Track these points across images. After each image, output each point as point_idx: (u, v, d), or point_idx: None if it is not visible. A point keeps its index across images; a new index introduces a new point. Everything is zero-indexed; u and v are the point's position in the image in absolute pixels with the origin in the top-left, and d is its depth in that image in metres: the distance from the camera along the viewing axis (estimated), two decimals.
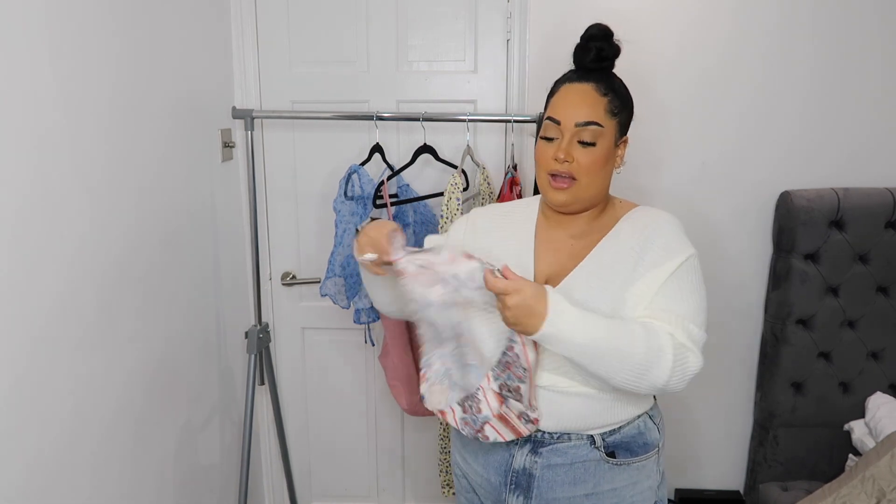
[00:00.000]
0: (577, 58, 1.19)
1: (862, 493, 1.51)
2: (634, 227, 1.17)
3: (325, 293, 1.85)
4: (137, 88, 1.43)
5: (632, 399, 1.16)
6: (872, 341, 1.90)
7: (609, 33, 1.17)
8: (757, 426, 2.04)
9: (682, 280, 1.11)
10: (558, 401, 1.14)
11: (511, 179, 1.83)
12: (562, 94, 1.16)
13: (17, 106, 1.07)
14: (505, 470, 1.21)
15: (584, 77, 1.15)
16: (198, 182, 1.75)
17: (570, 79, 1.17)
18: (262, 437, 2.27)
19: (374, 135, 1.85)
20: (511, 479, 1.20)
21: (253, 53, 1.98)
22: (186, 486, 1.71)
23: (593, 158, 1.12)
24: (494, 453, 1.21)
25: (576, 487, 1.17)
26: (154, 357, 1.53)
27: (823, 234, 1.83)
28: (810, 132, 1.89)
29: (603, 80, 1.15)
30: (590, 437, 1.16)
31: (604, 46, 1.16)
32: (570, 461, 1.16)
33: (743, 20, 1.83)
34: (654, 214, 1.19)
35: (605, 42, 1.16)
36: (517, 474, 1.19)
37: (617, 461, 1.17)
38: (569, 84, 1.16)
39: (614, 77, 1.18)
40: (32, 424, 1.13)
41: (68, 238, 1.21)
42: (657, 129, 1.90)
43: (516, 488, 1.20)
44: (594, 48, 1.15)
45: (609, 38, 1.17)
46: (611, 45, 1.17)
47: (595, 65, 1.16)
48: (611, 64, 1.19)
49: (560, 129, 1.14)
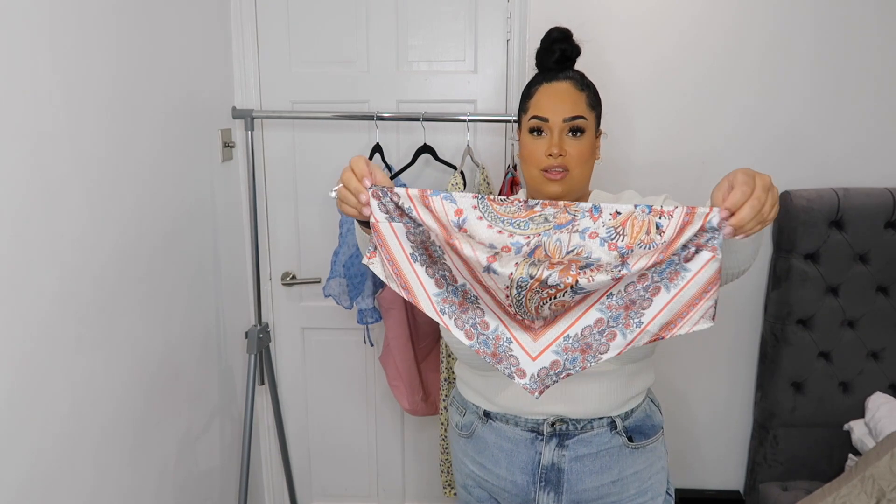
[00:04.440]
0: (540, 60, 1.25)
1: (862, 492, 1.51)
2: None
3: (328, 293, 1.85)
4: (137, 88, 1.43)
5: (642, 373, 1.23)
6: (872, 341, 1.90)
7: (569, 35, 1.23)
8: (757, 426, 2.04)
9: None
10: (580, 384, 1.17)
11: (511, 179, 1.84)
12: (544, 94, 1.21)
13: (17, 105, 1.07)
14: (532, 469, 1.22)
15: (559, 76, 1.21)
16: (198, 182, 1.75)
17: (547, 79, 1.22)
18: (262, 437, 2.27)
19: (374, 135, 1.85)
20: (540, 476, 1.22)
21: (253, 53, 1.98)
22: (186, 485, 1.71)
23: (582, 149, 1.18)
24: (519, 454, 1.23)
25: (603, 476, 1.21)
26: (154, 357, 1.53)
27: (823, 234, 1.83)
28: (810, 132, 1.89)
29: (576, 77, 1.22)
30: (611, 421, 1.21)
31: (566, 48, 1.22)
32: (595, 450, 1.20)
33: (743, 20, 1.83)
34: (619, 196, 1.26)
35: (567, 43, 1.23)
36: (546, 471, 1.21)
37: (635, 445, 1.23)
38: (547, 84, 1.21)
39: (584, 75, 1.24)
40: (32, 424, 1.13)
41: (68, 238, 1.21)
42: (657, 129, 1.90)
43: (546, 485, 1.22)
44: (558, 50, 1.22)
45: (570, 40, 1.23)
46: (573, 45, 1.23)
47: (558, 65, 1.23)
48: (572, 63, 1.24)
49: (549, 126, 1.18)
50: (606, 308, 0.93)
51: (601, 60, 1.84)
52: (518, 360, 0.98)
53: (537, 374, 0.97)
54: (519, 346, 0.97)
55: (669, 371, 2.05)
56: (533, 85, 1.24)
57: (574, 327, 0.95)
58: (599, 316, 0.94)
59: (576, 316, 0.95)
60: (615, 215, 0.91)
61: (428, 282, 0.97)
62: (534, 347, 0.97)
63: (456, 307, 0.98)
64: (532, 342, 0.98)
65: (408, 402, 1.93)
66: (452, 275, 0.95)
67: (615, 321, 0.93)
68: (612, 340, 0.94)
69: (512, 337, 0.98)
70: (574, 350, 0.96)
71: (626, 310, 0.92)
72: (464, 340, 1.00)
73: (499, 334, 0.98)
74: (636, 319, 0.92)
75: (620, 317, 0.93)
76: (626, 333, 0.93)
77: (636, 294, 0.91)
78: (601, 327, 0.94)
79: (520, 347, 0.98)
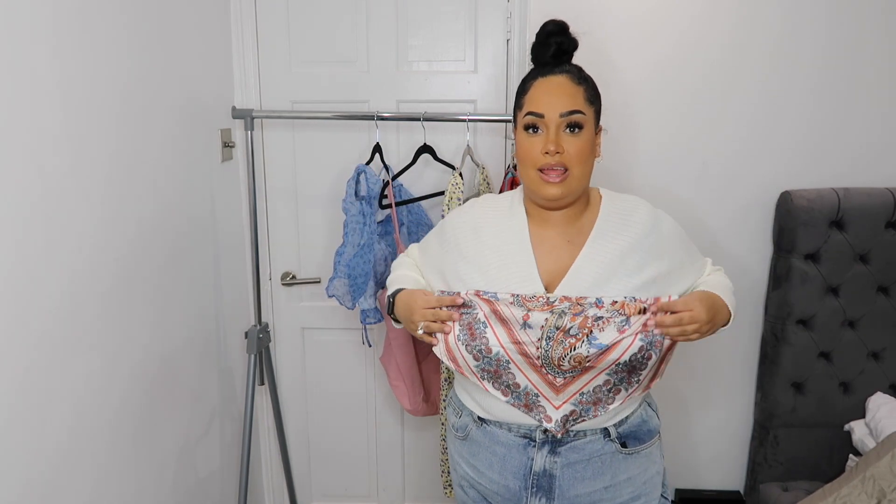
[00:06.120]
0: (536, 54, 1.20)
1: (862, 493, 1.51)
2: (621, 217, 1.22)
3: (331, 294, 1.85)
4: (137, 89, 1.43)
5: None
6: (873, 341, 1.90)
7: (566, 27, 1.18)
8: (757, 426, 2.04)
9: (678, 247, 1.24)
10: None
11: (512, 179, 1.84)
12: (539, 89, 1.16)
13: (17, 106, 1.07)
14: (524, 474, 1.21)
15: (555, 70, 1.16)
16: (198, 182, 1.75)
17: (542, 73, 1.17)
18: (262, 437, 2.27)
19: (374, 135, 1.85)
20: (532, 482, 1.21)
21: (253, 53, 1.98)
22: (186, 485, 1.71)
23: (580, 146, 1.14)
24: (511, 459, 1.22)
25: (595, 481, 1.20)
26: (154, 357, 1.53)
27: (824, 234, 1.83)
28: (811, 132, 1.89)
29: (573, 70, 1.17)
30: (604, 429, 1.20)
31: (563, 41, 1.17)
32: (587, 457, 1.19)
33: (744, 20, 1.83)
34: (633, 202, 1.25)
35: (564, 37, 1.18)
36: (538, 477, 1.20)
37: (629, 450, 1.21)
38: (542, 79, 1.16)
39: (581, 68, 1.20)
40: (34, 424, 1.13)
41: (68, 238, 1.21)
42: (657, 129, 1.90)
43: (538, 490, 1.21)
44: (554, 43, 1.17)
45: (566, 33, 1.18)
46: (569, 39, 1.18)
47: (555, 59, 1.18)
48: (569, 57, 1.20)
49: (545, 122, 1.14)
50: (614, 373, 1.14)
51: (602, 59, 1.84)
52: (545, 409, 1.18)
53: (560, 420, 1.17)
54: (545, 399, 1.17)
55: (670, 371, 2.03)
56: (528, 80, 1.19)
57: (588, 386, 1.15)
58: (608, 378, 1.15)
59: (589, 378, 1.15)
60: (614, 303, 1.12)
61: (468, 357, 1.17)
62: (556, 400, 1.17)
63: (491, 374, 1.18)
64: (555, 396, 1.16)
65: (409, 402, 1.92)
66: (488, 346, 1.14)
67: (620, 382, 1.16)
68: (616, 394, 1.17)
69: (539, 392, 1.17)
70: (588, 403, 1.17)
71: (629, 374, 1.15)
72: (500, 397, 1.18)
73: (528, 391, 1.17)
74: (636, 379, 1.16)
75: (624, 379, 1.15)
76: (628, 388, 1.17)
77: (636, 361, 1.12)
78: (609, 387, 1.16)
79: (546, 400, 1.17)
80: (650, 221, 1.21)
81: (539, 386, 1.16)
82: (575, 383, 1.14)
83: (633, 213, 1.22)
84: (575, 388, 1.15)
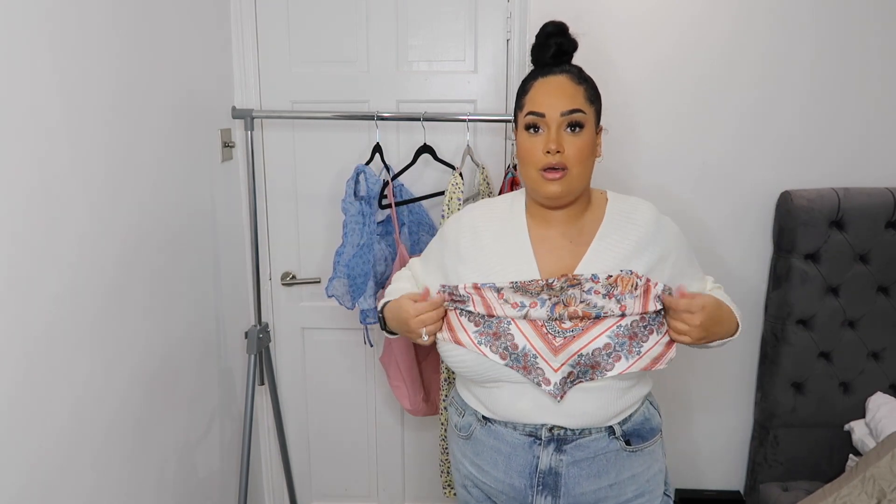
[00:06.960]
0: (536, 55, 1.21)
1: (862, 493, 1.51)
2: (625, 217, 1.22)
3: (331, 294, 1.85)
4: (137, 88, 1.43)
5: (638, 384, 1.23)
6: (873, 341, 1.90)
7: (565, 28, 1.19)
8: (757, 426, 2.04)
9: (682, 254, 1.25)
10: (581, 398, 1.17)
11: (512, 179, 1.84)
12: (539, 89, 1.17)
13: (18, 105, 1.07)
14: (530, 472, 1.21)
15: (555, 70, 1.17)
16: (198, 182, 1.75)
17: (543, 74, 1.18)
18: (262, 437, 2.27)
19: (374, 135, 1.85)
20: (538, 480, 1.21)
21: (253, 53, 1.98)
22: (186, 485, 1.71)
23: (581, 145, 1.14)
24: (517, 457, 1.22)
25: (600, 479, 1.21)
26: (154, 357, 1.53)
27: (824, 234, 1.83)
28: (810, 132, 1.89)
29: (573, 70, 1.18)
30: (609, 428, 1.20)
31: (563, 42, 1.18)
32: (592, 454, 1.20)
33: (743, 20, 1.83)
34: (636, 203, 1.26)
35: (564, 38, 1.19)
36: (544, 475, 1.21)
37: (632, 448, 1.22)
38: (543, 79, 1.17)
39: (581, 68, 1.20)
40: (34, 424, 1.13)
41: (68, 238, 1.21)
42: (657, 129, 1.90)
43: (544, 489, 1.21)
44: (554, 44, 1.18)
45: (566, 34, 1.19)
46: (569, 39, 1.19)
47: (555, 60, 1.19)
48: (569, 58, 1.21)
49: (545, 122, 1.14)
50: (615, 336, 1.14)
51: (602, 59, 1.84)
52: (543, 371, 1.16)
53: (559, 383, 1.16)
54: (543, 360, 1.16)
55: (670, 371, 2.04)
56: (528, 80, 1.20)
57: (587, 348, 1.14)
58: (608, 342, 1.14)
59: (589, 339, 1.14)
60: (608, 277, 1.14)
61: (468, 325, 1.19)
62: (555, 361, 1.16)
63: (490, 337, 1.18)
64: (553, 357, 1.16)
65: (409, 402, 1.92)
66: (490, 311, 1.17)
67: (620, 347, 1.14)
68: (616, 361, 1.15)
69: (537, 353, 1.16)
70: (586, 365, 1.15)
71: (630, 340, 1.14)
72: (499, 361, 1.17)
73: (526, 352, 1.16)
74: (637, 348, 1.15)
75: (625, 344, 1.14)
76: (629, 357, 1.14)
77: (637, 329, 1.14)
78: (608, 350, 1.14)
79: (544, 361, 1.16)
80: (653, 221, 1.22)
81: (538, 346, 1.15)
82: (574, 343, 1.14)
83: (635, 212, 1.23)
84: (574, 348, 1.14)
